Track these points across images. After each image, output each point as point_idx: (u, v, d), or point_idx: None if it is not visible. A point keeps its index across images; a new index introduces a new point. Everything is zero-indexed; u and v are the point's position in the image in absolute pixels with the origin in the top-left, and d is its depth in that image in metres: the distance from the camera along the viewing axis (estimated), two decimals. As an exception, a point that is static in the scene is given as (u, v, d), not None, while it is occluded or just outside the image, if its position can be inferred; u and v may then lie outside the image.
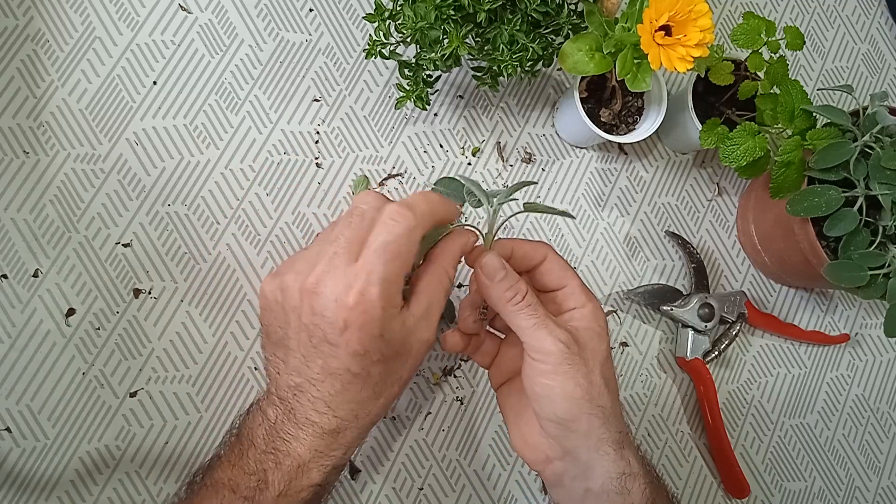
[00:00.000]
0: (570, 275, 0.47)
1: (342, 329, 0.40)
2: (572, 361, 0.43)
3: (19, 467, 0.52)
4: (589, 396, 0.43)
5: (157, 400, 0.55)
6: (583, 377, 0.43)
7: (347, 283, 0.40)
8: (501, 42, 0.54)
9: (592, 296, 0.47)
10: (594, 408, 0.44)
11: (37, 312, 0.54)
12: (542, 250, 0.47)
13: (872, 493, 0.69)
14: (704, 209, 0.69)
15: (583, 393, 0.43)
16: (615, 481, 0.44)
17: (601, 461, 0.44)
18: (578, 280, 0.47)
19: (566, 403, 0.43)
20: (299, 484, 0.42)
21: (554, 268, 0.47)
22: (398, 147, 0.63)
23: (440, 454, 0.60)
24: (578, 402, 0.43)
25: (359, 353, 0.40)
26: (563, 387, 0.43)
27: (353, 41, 0.64)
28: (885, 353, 0.72)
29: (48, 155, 0.56)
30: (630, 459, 0.45)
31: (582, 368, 0.43)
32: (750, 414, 0.67)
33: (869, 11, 0.78)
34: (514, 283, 0.44)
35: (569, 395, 0.43)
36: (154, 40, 0.60)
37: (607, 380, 0.45)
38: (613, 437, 0.44)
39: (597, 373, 0.44)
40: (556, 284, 0.47)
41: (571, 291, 0.46)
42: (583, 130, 0.61)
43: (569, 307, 0.46)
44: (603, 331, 0.46)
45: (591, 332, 0.45)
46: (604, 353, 0.45)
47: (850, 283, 0.55)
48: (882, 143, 0.55)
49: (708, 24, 0.49)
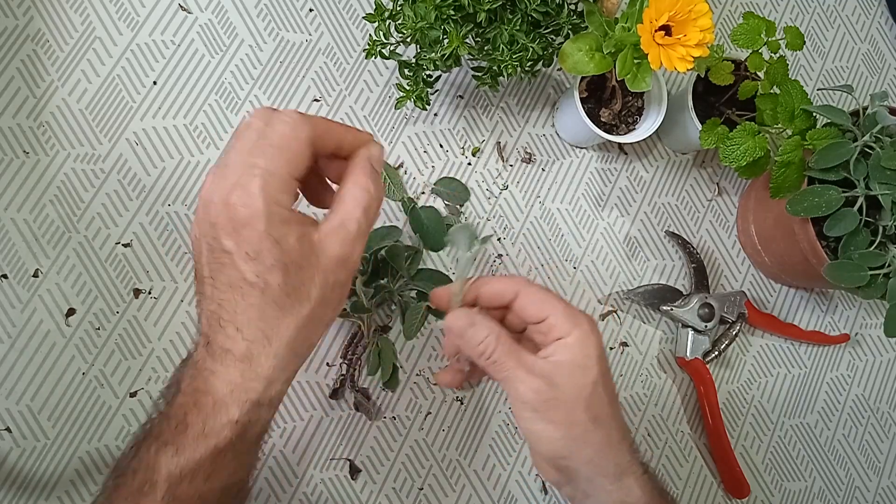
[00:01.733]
0: (550, 304, 0.45)
1: (231, 231, 0.38)
2: (548, 406, 0.43)
3: (19, 467, 0.52)
4: (570, 437, 0.44)
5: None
6: (562, 418, 0.43)
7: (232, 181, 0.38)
8: (501, 42, 0.54)
9: (580, 319, 0.45)
10: (579, 445, 0.44)
11: (37, 312, 0.54)
12: (513, 287, 0.46)
13: (872, 493, 0.69)
14: (704, 209, 0.69)
15: (563, 435, 0.43)
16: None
17: (597, 491, 0.45)
18: (561, 306, 0.45)
19: (549, 445, 0.44)
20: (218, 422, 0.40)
21: (528, 303, 0.46)
22: (398, 147, 0.63)
23: (440, 454, 0.60)
24: (560, 441, 0.44)
25: (249, 257, 0.38)
26: (543, 431, 0.43)
27: (353, 41, 0.64)
28: (885, 353, 0.72)
29: (48, 155, 0.56)
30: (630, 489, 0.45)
31: (560, 410, 0.43)
32: (750, 414, 0.67)
33: (869, 11, 0.78)
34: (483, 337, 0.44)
35: (549, 437, 0.44)
36: (154, 40, 0.60)
37: (595, 415, 0.44)
38: (608, 469, 0.44)
39: (579, 411, 0.43)
40: (536, 318, 0.46)
41: (554, 322, 0.45)
42: (583, 130, 0.61)
43: (553, 338, 0.45)
44: (589, 360, 0.44)
45: (572, 368, 0.44)
46: (588, 387, 0.44)
47: (850, 283, 0.55)
48: (882, 143, 0.55)
49: (708, 24, 0.49)
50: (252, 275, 0.39)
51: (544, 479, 0.49)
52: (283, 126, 0.39)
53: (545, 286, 0.49)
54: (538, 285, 0.47)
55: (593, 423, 0.44)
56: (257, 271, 0.39)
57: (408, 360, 0.60)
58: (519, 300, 0.46)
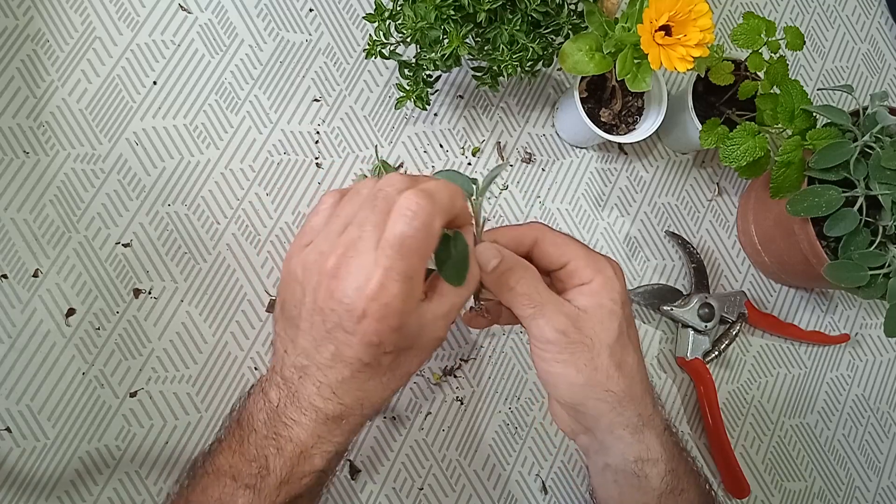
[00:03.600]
0: (572, 249, 0.44)
1: (360, 318, 0.38)
2: (573, 349, 0.42)
3: (19, 467, 0.52)
4: (592, 382, 0.42)
5: (157, 400, 0.55)
6: (585, 363, 0.42)
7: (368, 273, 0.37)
8: (501, 42, 0.54)
9: (604, 264, 0.44)
10: (600, 392, 0.43)
11: (37, 312, 0.54)
12: (531, 234, 0.45)
13: (872, 493, 0.69)
14: (704, 209, 0.69)
15: (585, 380, 0.42)
16: (631, 464, 0.44)
17: (616, 443, 0.44)
18: (583, 251, 0.44)
19: (570, 390, 0.43)
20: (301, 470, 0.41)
21: (548, 249, 0.44)
22: (398, 147, 0.63)
23: (440, 454, 0.60)
24: (582, 387, 0.43)
25: (373, 344, 0.38)
26: (564, 374, 0.42)
27: (353, 41, 0.64)
28: (885, 353, 0.72)
29: (48, 155, 0.56)
30: (650, 444, 0.44)
31: (584, 354, 0.42)
32: (750, 414, 0.67)
33: (869, 11, 0.78)
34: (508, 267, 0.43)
35: (571, 382, 0.43)
36: (154, 40, 0.60)
37: (619, 361, 0.43)
38: (629, 420, 0.43)
39: (603, 356, 0.42)
40: (557, 264, 0.44)
41: (575, 268, 0.44)
42: (583, 130, 0.61)
43: (575, 284, 0.44)
44: (615, 306, 0.43)
45: (598, 311, 0.43)
46: (613, 332, 0.43)
47: (850, 283, 0.55)
48: (882, 143, 0.55)
49: (708, 24, 0.49)
50: (369, 357, 0.39)
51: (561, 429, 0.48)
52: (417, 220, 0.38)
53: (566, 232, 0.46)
54: (558, 231, 0.45)
55: (617, 369, 0.43)
56: (375, 355, 0.39)
57: (408, 360, 0.60)
58: (539, 246, 0.45)
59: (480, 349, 0.62)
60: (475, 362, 0.62)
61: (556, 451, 0.62)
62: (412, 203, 0.38)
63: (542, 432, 0.62)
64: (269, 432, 0.41)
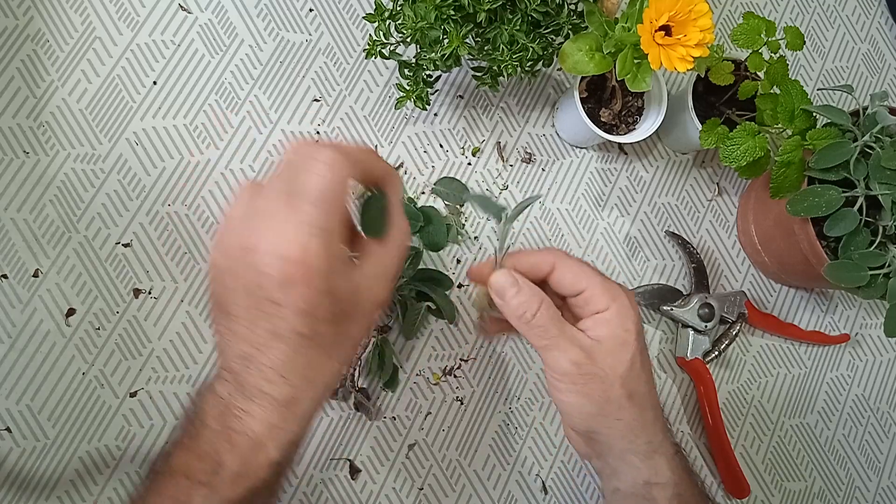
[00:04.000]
0: (587, 277, 0.45)
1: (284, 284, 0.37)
2: (586, 380, 0.43)
3: (19, 467, 0.52)
4: (604, 412, 0.44)
5: (157, 400, 0.55)
6: (598, 394, 0.43)
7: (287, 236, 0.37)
8: (501, 42, 0.54)
9: (618, 292, 0.45)
10: (612, 422, 0.44)
11: (37, 312, 0.54)
12: (550, 260, 0.46)
13: (872, 493, 0.69)
14: (704, 209, 0.69)
15: (597, 410, 0.43)
16: (640, 487, 0.45)
17: (626, 468, 0.45)
18: (599, 279, 0.45)
19: (582, 418, 0.44)
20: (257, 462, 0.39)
21: (565, 275, 0.45)
22: (398, 147, 0.63)
23: (440, 454, 0.60)
24: (594, 417, 0.44)
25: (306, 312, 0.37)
26: (577, 404, 0.44)
27: (353, 41, 0.64)
28: (885, 353, 0.72)
29: (48, 155, 0.56)
30: (660, 468, 0.45)
31: (597, 386, 0.43)
32: (750, 414, 0.67)
33: (869, 11, 0.78)
34: (525, 299, 0.44)
35: (583, 412, 0.44)
36: (154, 40, 0.60)
37: (631, 391, 0.44)
38: (639, 447, 0.44)
39: (616, 387, 0.43)
40: (572, 291, 0.45)
41: (591, 295, 0.45)
42: (583, 130, 0.61)
43: (591, 311, 0.45)
44: (628, 335, 0.44)
45: (612, 342, 0.44)
46: (626, 363, 0.44)
47: (850, 283, 0.55)
48: (882, 143, 0.55)
49: (708, 24, 0.49)
50: (304, 328, 0.38)
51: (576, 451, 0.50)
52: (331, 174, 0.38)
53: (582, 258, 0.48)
54: (575, 257, 0.46)
55: (628, 399, 0.44)
56: (310, 324, 0.38)
57: (408, 360, 0.60)
58: (556, 272, 0.45)
59: (480, 349, 0.62)
60: (475, 362, 0.62)
61: (556, 451, 0.62)
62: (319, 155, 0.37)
63: (542, 432, 0.62)
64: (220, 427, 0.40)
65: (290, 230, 0.37)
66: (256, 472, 0.39)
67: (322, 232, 0.37)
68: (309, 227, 0.37)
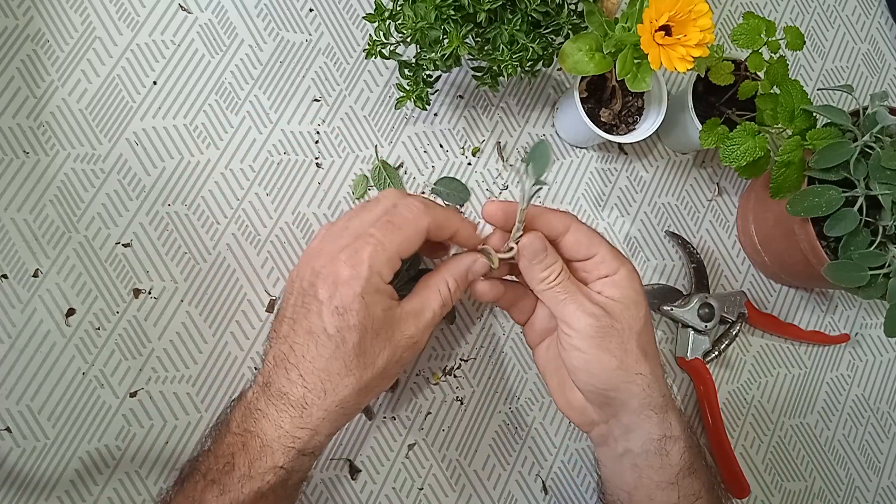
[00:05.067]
0: (598, 242, 0.47)
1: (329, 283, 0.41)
2: (604, 334, 0.44)
3: (19, 467, 0.52)
4: (625, 366, 0.44)
5: (157, 400, 0.55)
6: (617, 347, 0.44)
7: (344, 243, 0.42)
8: (501, 42, 0.54)
9: (625, 259, 0.47)
10: (632, 376, 0.45)
11: (37, 312, 0.54)
12: (566, 221, 0.47)
13: (872, 493, 0.69)
14: (704, 209, 0.69)
15: (618, 363, 0.44)
16: (655, 443, 0.46)
17: (643, 424, 0.46)
18: (607, 245, 0.47)
19: (604, 374, 0.45)
20: (263, 465, 0.41)
21: (580, 238, 0.47)
22: (398, 147, 0.63)
23: (440, 454, 0.60)
24: (615, 371, 0.44)
25: (338, 312, 0.41)
26: (598, 359, 0.44)
27: (353, 41, 0.64)
28: (885, 353, 0.72)
29: (48, 155, 0.56)
30: (672, 422, 0.46)
31: (615, 339, 0.44)
32: (750, 414, 0.67)
33: (869, 11, 0.78)
34: (550, 263, 0.45)
35: (605, 367, 0.44)
36: (154, 40, 0.60)
37: (645, 347, 0.46)
38: (656, 401, 0.45)
39: (632, 342, 0.45)
40: (585, 254, 0.47)
41: (601, 259, 0.46)
42: (583, 130, 0.61)
43: (600, 275, 0.46)
44: (640, 297, 0.46)
45: (625, 301, 0.45)
46: (640, 320, 0.45)
47: (850, 283, 0.55)
48: (882, 143, 0.55)
49: (708, 24, 0.49)
50: (333, 328, 0.41)
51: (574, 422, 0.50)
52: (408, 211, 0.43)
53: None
54: (586, 224, 0.48)
55: (644, 354, 0.45)
56: (339, 326, 0.41)
57: (408, 360, 0.60)
58: (570, 235, 0.47)
59: (480, 349, 0.62)
60: (475, 362, 0.62)
61: (556, 451, 0.62)
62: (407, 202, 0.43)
63: (542, 432, 0.62)
64: (239, 429, 0.43)
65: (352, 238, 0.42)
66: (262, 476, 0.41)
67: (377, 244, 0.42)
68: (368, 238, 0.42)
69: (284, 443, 0.41)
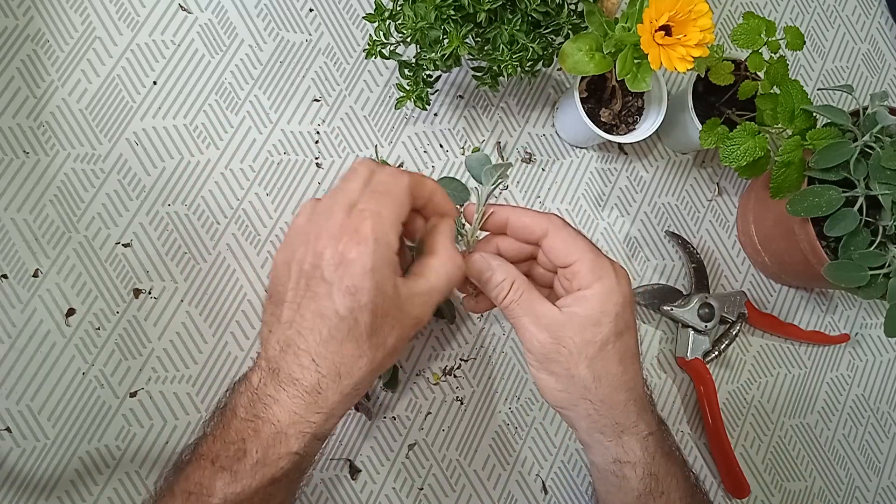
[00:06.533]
0: (579, 251, 0.44)
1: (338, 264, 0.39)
2: (550, 358, 0.44)
3: (19, 467, 0.52)
4: (570, 390, 0.44)
5: (157, 400, 0.55)
6: (563, 374, 0.44)
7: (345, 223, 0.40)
8: (501, 42, 0.54)
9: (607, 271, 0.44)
10: (578, 400, 0.45)
11: (37, 312, 0.54)
12: (543, 225, 0.45)
13: (872, 493, 0.69)
14: (704, 209, 0.69)
15: (563, 388, 0.44)
16: (610, 464, 0.46)
17: (594, 445, 0.46)
18: (590, 255, 0.44)
19: (551, 395, 0.45)
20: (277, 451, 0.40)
21: (556, 244, 0.45)
22: (398, 147, 0.63)
23: (440, 454, 0.60)
24: (560, 393, 0.45)
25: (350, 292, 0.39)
26: (546, 381, 0.45)
27: (353, 41, 0.64)
28: (885, 353, 0.72)
29: (48, 155, 0.56)
30: (629, 448, 0.45)
31: (561, 363, 0.44)
32: (750, 414, 0.67)
33: (869, 11, 0.78)
34: (499, 281, 0.45)
35: (549, 387, 0.45)
36: (154, 40, 0.60)
37: (598, 374, 0.44)
38: (606, 425, 0.45)
39: (582, 367, 0.43)
40: (563, 262, 0.45)
41: (577, 270, 0.44)
42: (583, 130, 0.61)
43: (575, 287, 0.44)
44: (605, 317, 0.43)
45: (584, 323, 0.43)
46: (595, 345, 0.43)
47: (850, 283, 0.55)
48: (882, 143, 0.55)
49: (708, 24, 0.49)
50: (345, 309, 0.39)
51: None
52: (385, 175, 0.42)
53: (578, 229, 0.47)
54: (571, 227, 0.46)
55: (595, 381, 0.44)
56: (351, 307, 0.39)
57: (408, 360, 0.60)
58: (547, 240, 0.45)
59: (480, 349, 0.62)
60: (475, 362, 0.62)
61: (556, 451, 0.62)
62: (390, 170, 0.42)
63: (542, 432, 0.62)
64: (248, 415, 0.41)
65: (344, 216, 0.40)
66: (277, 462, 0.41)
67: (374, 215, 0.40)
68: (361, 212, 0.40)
69: (300, 428, 0.41)
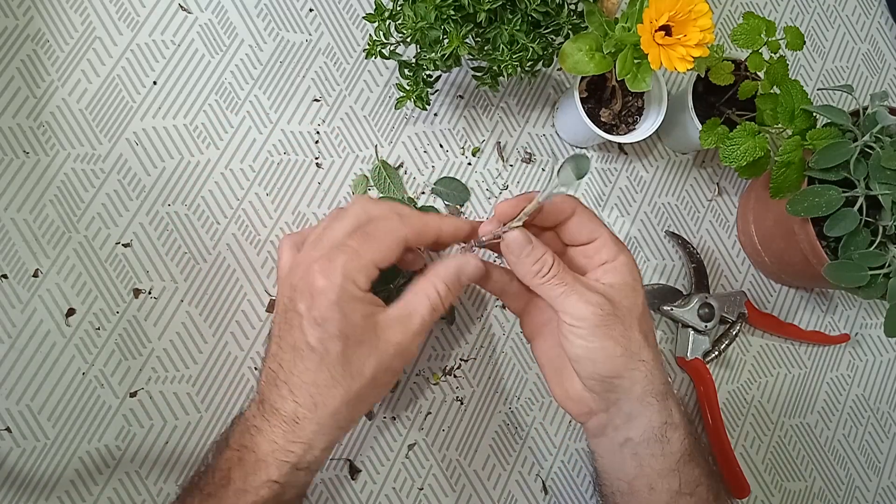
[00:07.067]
0: (600, 227, 0.47)
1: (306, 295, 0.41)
2: (608, 322, 0.44)
3: (19, 467, 0.52)
4: (629, 353, 0.44)
5: (157, 400, 0.55)
6: (621, 335, 0.44)
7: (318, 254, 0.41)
8: (501, 42, 0.54)
9: (623, 246, 0.47)
10: (636, 362, 0.45)
11: (37, 312, 0.54)
12: (571, 204, 0.47)
13: (872, 493, 0.69)
14: (704, 209, 0.69)
15: (623, 350, 0.44)
16: (657, 430, 0.46)
17: (644, 411, 0.46)
18: (608, 232, 0.47)
19: (608, 362, 0.44)
20: (257, 479, 0.41)
21: (583, 221, 0.47)
22: (398, 147, 0.63)
23: (440, 454, 0.60)
24: (620, 359, 0.44)
25: (316, 322, 0.40)
26: (602, 347, 0.44)
27: (353, 41, 0.64)
28: (885, 353, 0.72)
29: (48, 155, 0.56)
30: (672, 410, 0.46)
31: (619, 327, 0.44)
32: (750, 414, 0.67)
33: (869, 11, 0.78)
34: (539, 256, 0.45)
35: (609, 355, 0.44)
36: (154, 40, 0.60)
37: (646, 333, 0.45)
38: (657, 388, 0.45)
39: (635, 328, 0.45)
40: (587, 238, 0.47)
41: (602, 244, 0.46)
42: (583, 130, 0.61)
43: (600, 261, 0.46)
44: (637, 283, 0.46)
45: (624, 288, 0.45)
46: (640, 307, 0.45)
47: (850, 283, 0.55)
48: (882, 142, 0.55)
49: (708, 24, 0.49)
50: (315, 339, 0.41)
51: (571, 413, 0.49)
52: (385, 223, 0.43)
53: None
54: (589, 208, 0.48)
55: (646, 340, 0.45)
56: (320, 337, 0.41)
57: (408, 360, 0.60)
58: (575, 218, 0.47)
59: (480, 349, 0.62)
60: (475, 362, 0.62)
61: (556, 451, 0.62)
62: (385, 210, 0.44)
63: (542, 432, 0.62)
64: (236, 445, 0.43)
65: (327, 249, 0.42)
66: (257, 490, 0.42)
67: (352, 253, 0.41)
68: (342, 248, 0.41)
69: (278, 457, 0.42)
